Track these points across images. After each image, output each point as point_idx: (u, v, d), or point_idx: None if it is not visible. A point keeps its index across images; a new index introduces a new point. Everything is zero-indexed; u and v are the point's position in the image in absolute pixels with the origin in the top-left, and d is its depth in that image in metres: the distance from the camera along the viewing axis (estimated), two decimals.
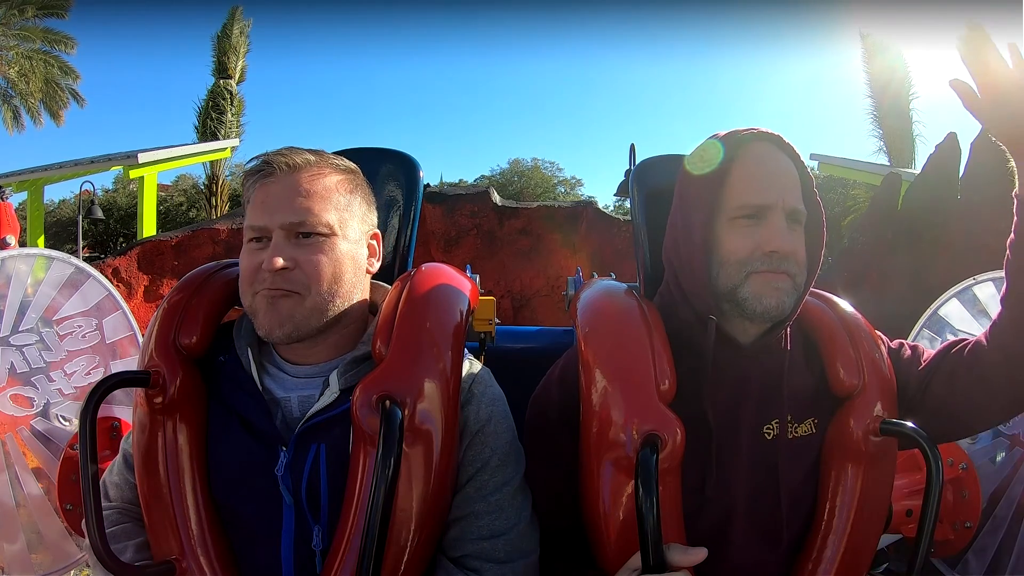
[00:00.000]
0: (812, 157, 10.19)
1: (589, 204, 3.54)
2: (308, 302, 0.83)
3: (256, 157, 0.87)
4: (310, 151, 0.89)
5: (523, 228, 3.58)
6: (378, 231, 0.96)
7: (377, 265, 0.95)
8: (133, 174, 9.42)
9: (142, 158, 9.27)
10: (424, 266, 0.97)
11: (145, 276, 3.45)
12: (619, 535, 0.81)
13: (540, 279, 3.62)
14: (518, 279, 3.62)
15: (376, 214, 0.97)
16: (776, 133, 0.90)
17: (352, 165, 0.94)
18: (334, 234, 0.86)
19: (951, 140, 3.16)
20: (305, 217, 0.84)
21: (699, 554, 0.74)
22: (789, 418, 0.88)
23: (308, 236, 0.84)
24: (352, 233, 0.89)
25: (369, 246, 0.93)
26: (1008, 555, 1.31)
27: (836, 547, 0.85)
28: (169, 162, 10.29)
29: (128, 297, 3.40)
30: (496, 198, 3.62)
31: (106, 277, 3.24)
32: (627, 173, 4.32)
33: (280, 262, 0.81)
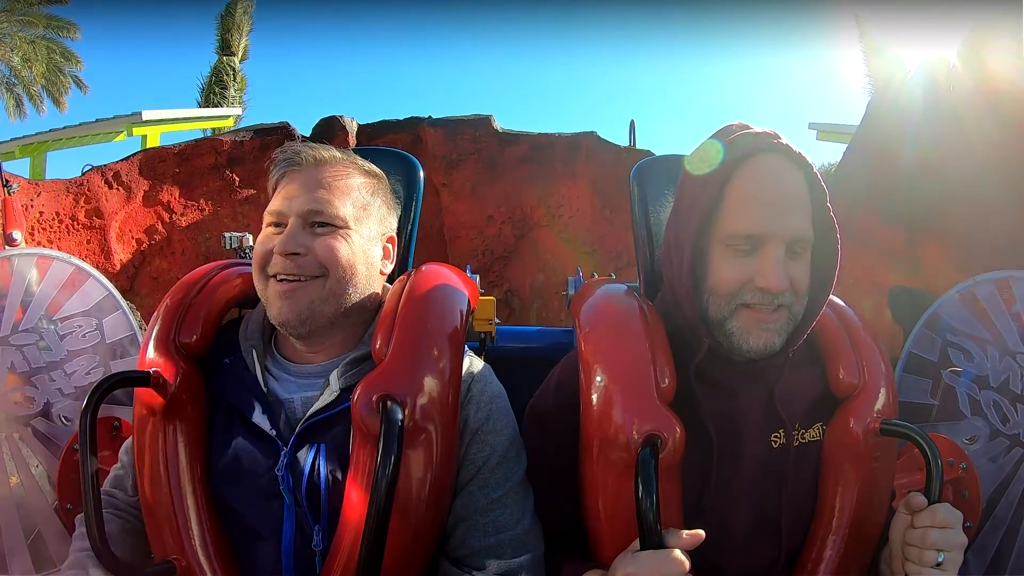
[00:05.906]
0: (810, 127, 10.01)
1: (590, 134, 3.51)
2: (328, 284, 0.84)
3: (286, 146, 0.90)
4: (339, 149, 0.92)
5: (524, 156, 3.53)
6: (395, 235, 0.97)
7: (390, 267, 0.96)
8: (137, 131, 9.44)
9: (146, 115, 9.33)
10: (424, 266, 0.97)
11: (146, 181, 3.36)
12: (619, 535, 0.80)
13: (541, 208, 3.57)
14: (519, 206, 3.58)
15: (396, 220, 0.99)
16: (785, 143, 0.80)
17: (378, 170, 0.96)
18: (348, 227, 0.87)
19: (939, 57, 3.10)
20: (322, 207, 0.86)
21: (696, 536, 0.73)
22: (797, 425, 0.87)
23: (323, 226, 0.86)
24: (367, 231, 0.90)
25: (384, 248, 0.95)
26: (1008, 555, 1.31)
27: (836, 547, 0.85)
28: (174, 124, 10.25)
29: (127, 201, 3.32)
30: (497, 125, 3.56)
31: (107, 181, 3.21)
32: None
33: (291, 246, 0.83)
